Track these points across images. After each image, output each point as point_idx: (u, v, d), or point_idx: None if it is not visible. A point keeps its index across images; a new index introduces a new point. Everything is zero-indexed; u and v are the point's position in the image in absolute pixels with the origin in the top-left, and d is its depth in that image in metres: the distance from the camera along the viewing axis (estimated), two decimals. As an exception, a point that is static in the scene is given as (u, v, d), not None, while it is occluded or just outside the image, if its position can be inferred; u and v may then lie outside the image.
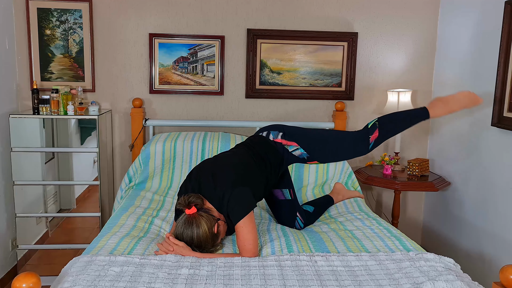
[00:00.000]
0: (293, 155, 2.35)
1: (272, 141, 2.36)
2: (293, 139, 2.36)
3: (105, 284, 1.59)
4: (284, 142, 2.36)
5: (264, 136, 2.39)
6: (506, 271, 1.58)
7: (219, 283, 1.63)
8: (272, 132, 2.39)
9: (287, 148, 2.35)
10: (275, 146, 2.34)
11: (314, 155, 2.36)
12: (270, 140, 2.36)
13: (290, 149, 2.35)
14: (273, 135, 2.38)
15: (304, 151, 2.34)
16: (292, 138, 2.36)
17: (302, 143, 2.35)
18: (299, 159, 2.37)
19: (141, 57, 3.31)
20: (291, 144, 2.35)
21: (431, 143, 3.56)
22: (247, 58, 3.34)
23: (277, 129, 2.41)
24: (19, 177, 2.99)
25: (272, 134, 2.39)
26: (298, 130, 2.43)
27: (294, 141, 2.35)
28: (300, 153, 2.35)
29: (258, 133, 2.45)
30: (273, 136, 2.38)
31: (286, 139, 2.36)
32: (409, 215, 3.69)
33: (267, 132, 2.41)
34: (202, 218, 1.94)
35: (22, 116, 2.96)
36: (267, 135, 2.39)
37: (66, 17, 3.20)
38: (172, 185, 2.92)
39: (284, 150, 2.35)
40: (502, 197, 2.68)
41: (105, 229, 2.18)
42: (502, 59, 2.62)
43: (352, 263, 1.82)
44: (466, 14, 3.09)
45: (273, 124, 2.48)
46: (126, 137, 3.39)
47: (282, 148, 2.35)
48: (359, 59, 3.45)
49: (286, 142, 2.36)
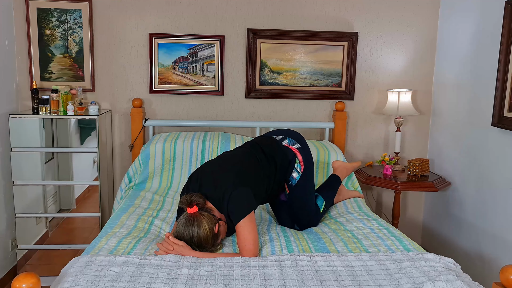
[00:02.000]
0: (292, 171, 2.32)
1: (284, 146, 2.34)
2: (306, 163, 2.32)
3: (105, 284, 1.59)
4: (298, 155, 2.33)
5: (277, 140, 2.37)
6: (506, 271, 1.58)
7: (219, 283, 1.63)
8: (289, 139, 2.37)
9: (296, 160, 2.32)
10: (285, 151, 2.32)
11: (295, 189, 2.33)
12: (281, 145, 2.34)
13: (296, 165, 2.32)
14: (289, 141, 2.36)
15: (298, 180, 2.31)
16: (306, 161, 2.33)
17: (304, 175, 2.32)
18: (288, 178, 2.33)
19: (141, 57, 3.31)
20: (300, 163, 2.32)
21: (431, 143, 3.56)
22: (247, 58, 3.34)
23: (295, 138, 2.38)
24: (19, 177, 2.98)
25: (288, 140, 2.36)
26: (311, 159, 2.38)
27: (304, 165, 2.32)
28: (295, 178, 2.32)
29: (272, 135, 2.42)
30: (289, 142, 2.36)
31: (302, 155, 2.33)
32: (409, 215, 3.69)
33: (282, 137, 2.38)
34: (204, 217, 1.94)
35: (22, 116, 2.96)
36: (281, 140, 2.37)
37: (66, 17, 3.20)
38: (172, 185, 2.92)
39: (292, 160, 2.32)
40: (502, 197, 2.68)
41: (105, 229, 2.18)
42: (502, 59, 2.62)
43: (352, 263, 1.82)
44: (466, 14, 3.09)
45: (290, 130, 2.46)
46: (126, 137, 3.39)
47: (293, 157, 2.32)
48: (359, 59, 3.44)
49: (299, 157, 2.33)
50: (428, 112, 3.54)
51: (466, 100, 3.07)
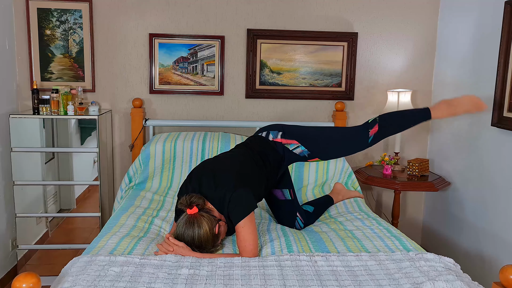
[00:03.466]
0: (294, 153, 2.35)
1: (271, 141, 2.36)
2: (293, 137, 2.35)
3: (105, 284, 1.59)
4: (284, 141, 2.35)
5: (264, 137, 2.39)
6: (506, 271, 1.58)
7: (219, 283, 1.63)
8: (271, 132, 2.39)
9: (287, 147, 2.35)
10: (274, 146, 2.34)
11: (315, 152, 2.36)
12: (269, 141, 2.36)
13: (290, 148, 2.34)
14: (272, 135, 2.38)
15: (305, 149, 2.34)
16: (292, 137, 2.36)
17: (303, 141, 2.35)
18: (300, 157, 2.37)
19: (141, 57, 3.31)
20: (291, 143, 2.35)
21: (431, 143, 3.56)
22: (247, 58, 3.34)
23: (277, 129, 2.40)
24: (19, 177, 2.99)
25: (271, 134, 2.38)
26: (298, 128, 2.43)
27: (294, 139, 2.35)
28: (301, 151, 2.35)
29: (258, 134, 2.45)
30: (273, 136, 2.38)
31: (286, 138, 2.36)
32: (409, 215, 3.69)
33: (266, 132, 2.40)
34: (204, 218, 1.94)
35: (22, 116, 2.96)
36: (266, 135, 2.39)
37: (66, 17, 3.20)
38: (172, 185, 2.92)
39: (285, 150, 2.35)
40: (502, 197, 2.68)
41: (105, 229, 2.18)
42: (502, 59, 2.62)
43: (352, 263, 1.82)
44: (466, 15, 3.09)
45: (272, 124, 2.48)
46: (126, 137, 3.39)
47: (282, 147, 2.34)
48: (359, 59, 3.45)
49: (286, 141, 2.35)
50: (428, 112, 3.54)
51: (466, 100, 3.06)
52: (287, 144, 2.35)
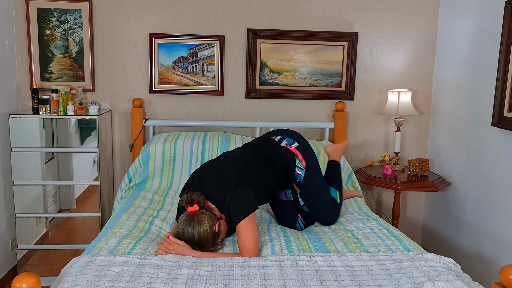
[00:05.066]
0: (294, 170, 2.32)
1: (283, 147, 2.33)
2: (306, 158, 2.32)
3: (105, 284, 1.59)
4: (297, 154, 2.32)
5: (276, 141, 2.37)
6: (506, 271, 1.58)
7: (219, 283, 1.63)
8: (287, 138, 2.36)
9: (295, 159, 2.32)
10: (284, 152, 2.32)
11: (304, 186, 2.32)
12: (280, 146, 2.34)
13: (296, 163, 2.32)
14: (287, 141, 2.35)
15: (303, 176, 2.31)
16: (306, 157, 2.32)
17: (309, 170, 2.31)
18: (293, 177, 2.33)
19: (141, 57, 3.31)
20: (301, 160, 2.32)
21: (431, 143, 3.56)
22: (247, 58, 3.34)
23: (293, 138, 2.37)
24: (19, 177, 2.98)
25: (286, 140, 2.36)
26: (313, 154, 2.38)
27: (305, 161, 2.32)
28: (299, 174, 2.32)
29: (271, 136, 2.42)
30: (287, 142, 2.35)
31: (301, 152, 2.33)
32: (409, 215, 3.69)
33: (281, 138, 2.37)
34: (204, 216, 1.94)
35: (22, 116, 2.96)
36: (279, 141, 2.36)
37: (66, 17, 3.20)
38: (172, 185, 2.92)
39: (292, 160, 2.31)
40: (502, 197, 2.68)
41: (105, 229, 2.18)
42: (502, 59, 2.62)
43: (352, 263, 1.82)
44: (466, 14, 3.09)
45: (288, 130, 2.45)
46: (126, 137, 3.39)
47: (292, 157, 2.32)
48: (359, 59, 3.44)
49: (298, 155, 2.32)
50: (428, 112, 3.55)
51: (466, 100, 3.07)
52: (297, 158, 2.32)
